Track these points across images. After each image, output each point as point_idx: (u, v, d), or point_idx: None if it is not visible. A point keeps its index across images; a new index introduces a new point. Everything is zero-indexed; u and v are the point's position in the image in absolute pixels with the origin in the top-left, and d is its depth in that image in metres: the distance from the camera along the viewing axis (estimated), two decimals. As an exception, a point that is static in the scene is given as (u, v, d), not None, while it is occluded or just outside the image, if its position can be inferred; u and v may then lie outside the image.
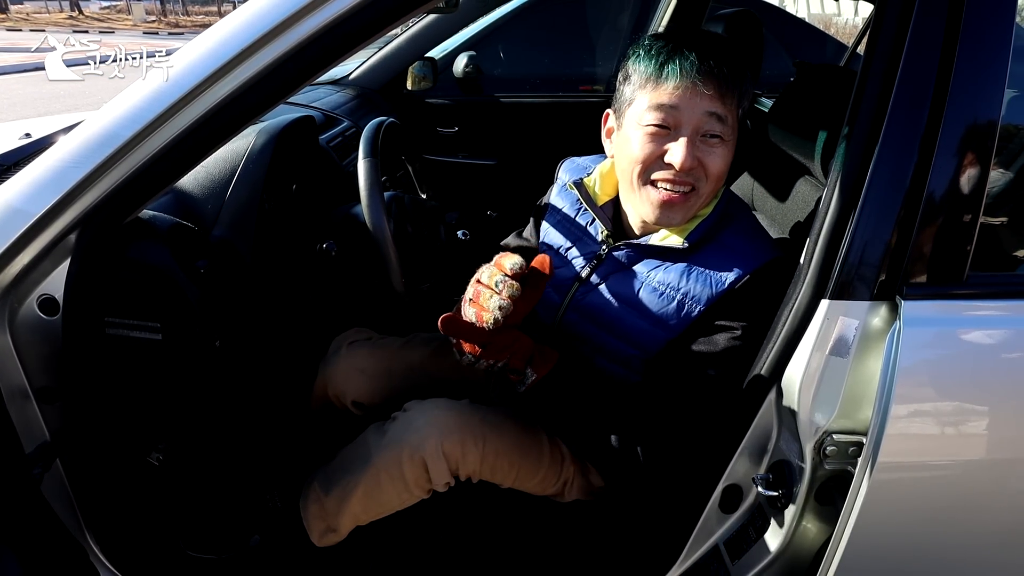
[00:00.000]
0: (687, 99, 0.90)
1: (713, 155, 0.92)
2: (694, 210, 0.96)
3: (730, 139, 0.93)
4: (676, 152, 0.91)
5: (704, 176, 0.93)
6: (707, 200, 0.97)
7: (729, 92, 0.90)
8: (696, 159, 0.92)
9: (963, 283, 0.82)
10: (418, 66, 2.43)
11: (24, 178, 0.85)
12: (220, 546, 1.18)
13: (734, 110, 0.92)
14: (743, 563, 0.97)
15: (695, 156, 0.91)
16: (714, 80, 0.89)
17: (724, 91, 0.90)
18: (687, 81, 0.89)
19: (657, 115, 0.92)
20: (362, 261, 1.28)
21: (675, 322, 0.96)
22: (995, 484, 0.88)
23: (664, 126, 0.92)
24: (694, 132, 0.91)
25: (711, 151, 0.92)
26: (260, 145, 1.23)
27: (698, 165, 0.92)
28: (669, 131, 0.92)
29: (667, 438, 0.94)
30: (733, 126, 0.92)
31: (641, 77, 0.93)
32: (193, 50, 0.83)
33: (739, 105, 0.93)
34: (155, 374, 1.01)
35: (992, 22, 0.77)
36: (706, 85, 0.89)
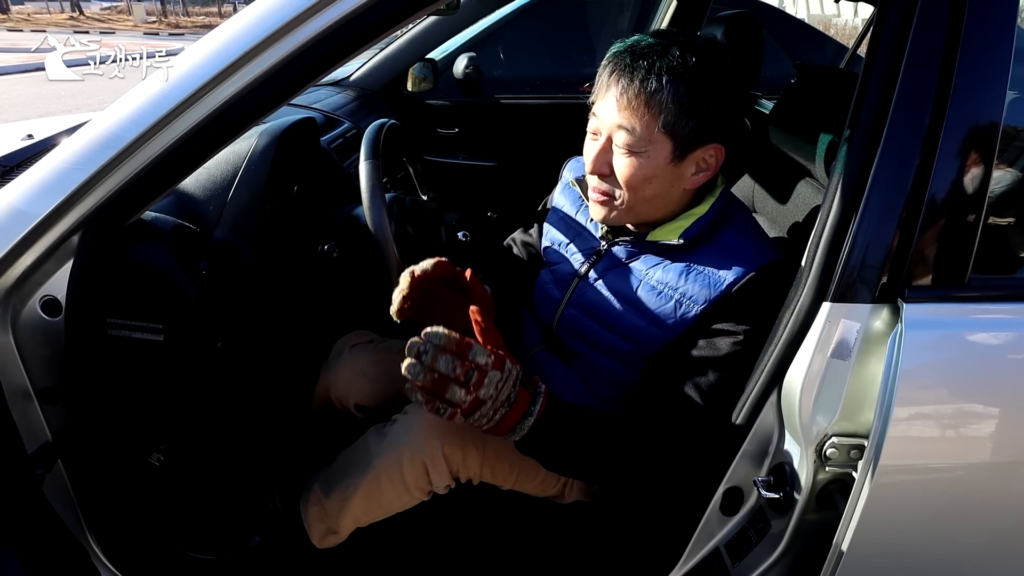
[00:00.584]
0: (604, 107, 0.94)
1: (621, 163, 0.93)
2: (622, 217, 0.99)
3: (644, 151, 0.92)
4: (588, 156, 0.97)
5: (617, 184, 0.95)
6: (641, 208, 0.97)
7: (638, 104, 0.90)
8: (607, 165, 0.95)
9: (965, 286, 0.82)
10: (418, 67, 2.43)
11: (27, 180, 0.86)
12: (221, 547, 1.18)
13: (648, 123, 0.90)
14: (744, 566, 0.97)
15: (605, 162, 0.95)
16: (625, 91, 0.90)
17: (636, 104, 0.90)
18: (605, 90, 0.93)
19: (591, 120, 0.97)
20: (363, 263, 1.28)
21: (672, 321, 0.96)
22: (997, 487, 0.88)
23: (594, 132, 0.97)
24: (607, 140, 0.94)
25: (620, 159, 0.94)
26: (262, 147, 1.23)
27: (610, 172, 0.95)
28: (597, 136, 0.96)
29: (666, 447, 0.94)
30: (647, 138, 0.91)
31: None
32: (197, 53, 0.83)
33: (655, 117, 0.90)
34: (157, 375, 1.01)
35: (994, 24, 0.77)
36: (619, 95, 0.91)
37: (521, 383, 0.88)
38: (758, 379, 0.90)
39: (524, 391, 0.88)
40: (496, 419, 0.86)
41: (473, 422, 0.85)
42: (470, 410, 0.83)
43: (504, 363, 0.84)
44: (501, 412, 0.85)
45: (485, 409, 0.83)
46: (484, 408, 0.83)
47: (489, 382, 0.82)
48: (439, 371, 0.80)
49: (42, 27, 17.98)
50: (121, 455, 1.06)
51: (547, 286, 1.14)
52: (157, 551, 1.14)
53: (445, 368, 0.80)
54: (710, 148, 0.94)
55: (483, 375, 0.82)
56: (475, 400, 0.82)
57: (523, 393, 0.88)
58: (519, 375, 0.87)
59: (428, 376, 0.80)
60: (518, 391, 0.87)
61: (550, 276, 1.14)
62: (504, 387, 0.84)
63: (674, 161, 0.93)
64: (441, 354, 0.80)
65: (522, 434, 0.88)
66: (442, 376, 0.81)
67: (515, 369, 0.86)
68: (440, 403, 0.82)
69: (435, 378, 0.81)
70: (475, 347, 0.82)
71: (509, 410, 0.86)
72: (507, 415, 0.86)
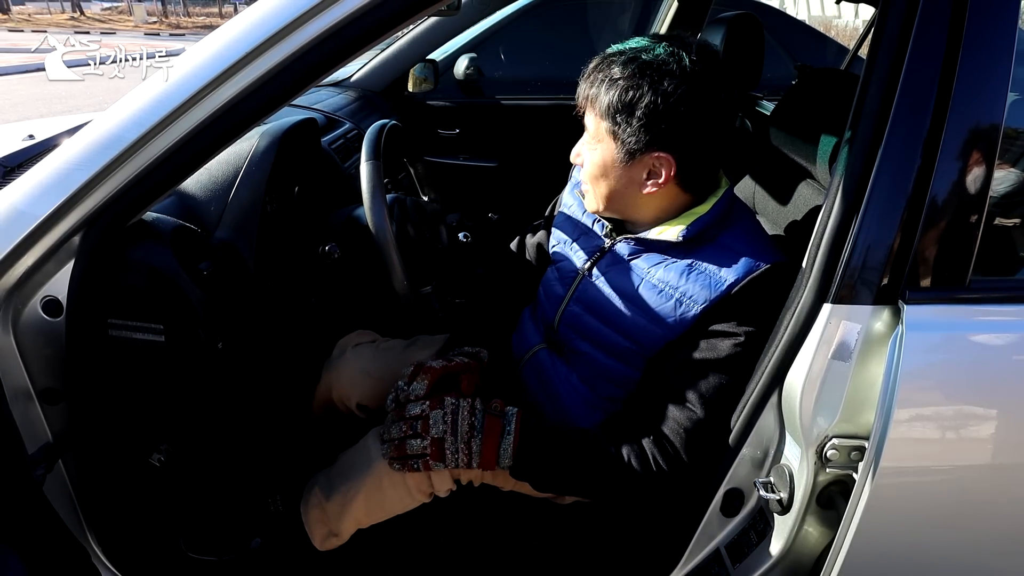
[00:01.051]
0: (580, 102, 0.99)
1: (584, 157, 1.01)
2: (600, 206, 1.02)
3: (595, 148, 0.97)
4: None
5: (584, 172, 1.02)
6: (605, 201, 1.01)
7: (590, 105, 0.96)
8: (578, 155, 1.02)
9: (966, 287, 0.82)
10: (419, 68, 2.43)
11: (29, 181, 0.86)
12: (221, 548, 1.18)
13: (598, 124, 0.96)
14: (744, 567, 0.97)
15: (577, 152, 1.02)
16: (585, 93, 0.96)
17: (587, 104, 0.96)
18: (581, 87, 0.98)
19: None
20: (364, 263, 1.28)
21: (672, 320, 0.96)
22: (997, 489, 0.89)
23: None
24: (585, 132, 1.00)
25: (584, 153, 1.00)
26: (263, 147, 1.23)
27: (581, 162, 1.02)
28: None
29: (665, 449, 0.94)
30: (595, 136, 0.97)
31: None
32: (198, 53, 0.83)
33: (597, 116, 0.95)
34: (158, 376, 1.01)
35: (995, 26, 0.77)
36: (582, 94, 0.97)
37: (490, 412, 0.96)
38: (759, 380, 0.90)
39: (492, 418, 0.96)
40: (475, 451, 0.94)
41: (453, 462, 0.94)
42: (438, 452, 0.94)
43: (444, 400, 0.96)
44: (476, 443, 0.94)
45: (450, 445, 0.93)
46: (449, 444, 0.93)
47: (434, 422, 0.94)
48: (393, 438, 0.96)
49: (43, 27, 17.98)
50: (122, 456, 1.06)
51: (551, 283, 1.15)
52: (157, 552, 1.14)
53: (396, 433, 0.96)
54: (660, 156, 0.93)
55: (426, 420, 0.95)
56: (433, 442, 0.94)
57: (491, 420, 0.96)
58: (474, 405, 0.96)
59: (390, 447, 0.97)
60: (483, 419, 0.95)
61: (555, 273, 1.15)
62: (458, 419, 0.95)
63: (622, 162, 0.96)
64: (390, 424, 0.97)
65: (508, 456, 0.94)
66: (399, 440, 0.95)
67: (462, 401, 0.96)
68: (409, 460, 0.95)
69: (396, 445, 0.96)
70: (409, 404, 0.97)
71: (483, 437, 0.94)
72: (484, 445, 0.94)
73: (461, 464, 0.94)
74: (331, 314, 1.52)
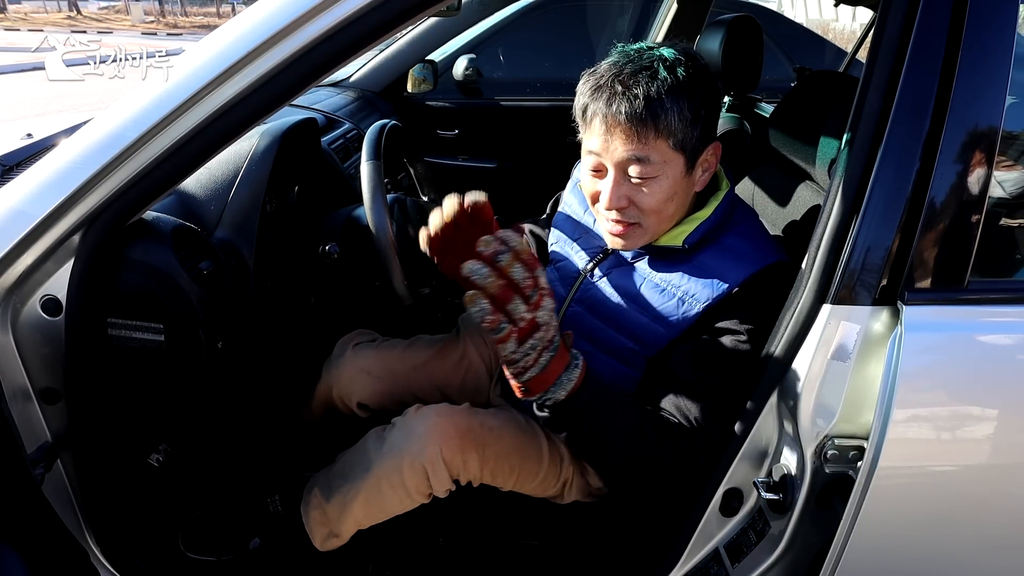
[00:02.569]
0: (605, 143, 0.92)
1: (642, 194, 0.93)
2: (647, 237, 0.99)
3: (660, 174, 0.91)
4: (603, 195, 0.95)
5: (640, 212, 0.95)
6: (663, 225, 0.98)
7: (645, 132, 0.88)
8: (624, 198, 0.93)
9: (964, 289, 0.82)
10: (418, 68, 2.43)
11: (28, 180, 0.86)
12: (220, 548, 1.18)
13: (659, 146, 0.90)
14: (743, 567, 0.97)
15: (623, 196, 0.93)
16: (626, 124, 0.88)
17: (639, 132, 0.89)
18: (602, 127, 0.91)
19: (589, 159, 0.95)
20: (364, 264, 1.28)
21: (675, 319, 0.97)
22: (996, 489, 0.89)
23: (596, 169, 0.95)
24: (619, 174, 0.93)
25: (639, 191, 0.93)
26: (263, 147, 1.23)
27: (629, 204, 0.94)
28: (602, 172, 0.95)
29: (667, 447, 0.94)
30: (662, 161, 0.91)
31: (577, 114, 0.96)
32: (199, 53, 0.83)
33: (666, 139, 0.90)
34: (157, 375, 1.01)
35: (994, 29, 0.78)
36: (618, 129, 0.90)
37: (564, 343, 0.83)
38: (758, 380, 0.90)
39: (565, 348, 0.83)
40: (542, 363, 0.79)
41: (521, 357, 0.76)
42: (525, 333, 0.75)
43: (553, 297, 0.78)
44: (547, 356, 0.79)
45: (536, 339, 0.76)
46: (536, 337, 0.76)
47: (546, 305, 0.75)
48: (510, 278, 0.72)
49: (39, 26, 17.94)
50: (121, 455, 1.06)
51: (552, 283, 1.14)
52: (156, 552, 1.13)
53: (519, 276, 0.72)
54: (711, 148, 0.97)
55: (542, 296, 0.75)
56: (532, 322, 0.75)
57: (563, 350, 0.83)
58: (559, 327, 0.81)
59: (496, 282, 0.71)
60: (559, 343, 0.81)
61: (555, 274, 1.15)
62: (552, 323, 0.77)
63: (687, 173, 0.94)
64: (516, 261, 0.72)
65: (565, 390, 0.82)
66: (510, 285, 0.72)
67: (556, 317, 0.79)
68: (502, 316, 0.72)
69: (503, 285, 0.72)
70: (539, 266, 0.75)
71: (554, 356, 0.80)
72: (552, 362, 0.80)
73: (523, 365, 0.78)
74: (331, 314, 1.52)
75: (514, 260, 0.71)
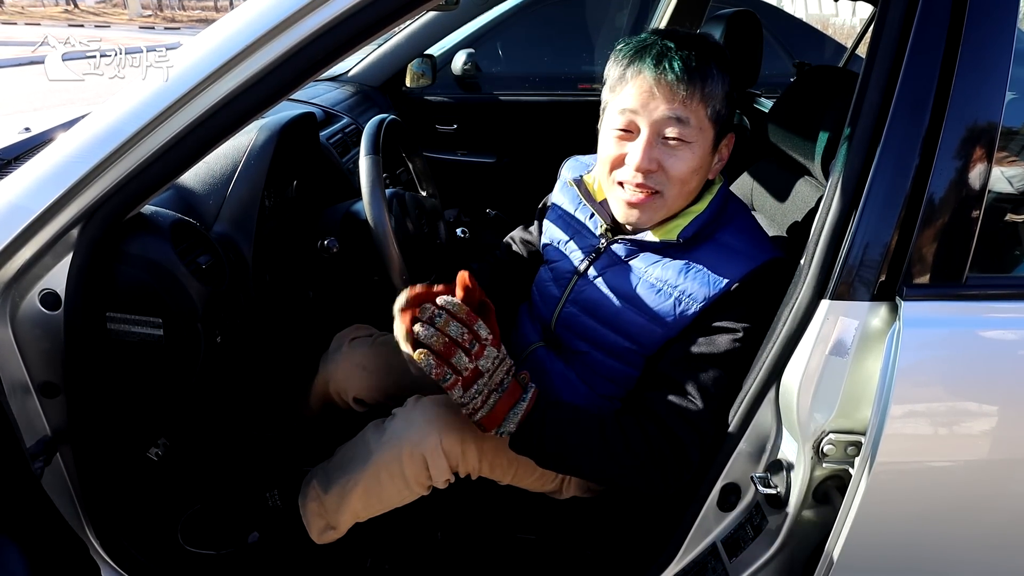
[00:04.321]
0: (644, 102, 0.92)
1: (674, 158, 0.93)
2: (663, 212, 0.98)
3: (696, 140, 0.92)
4: (633, 154, 0.94)
5: (666, 179, 0.94)
6: (679, 202, 0.98)
7: (691, 94, 0.90)
8: (655, 161, 0.93)
9: (963, 284, 0.82)
10: (417, 63, 2.43)
11: (26, 174, 0.85)
12: (219, 542, 1.18)
13: (699, 112, 0.91)
14: (740, 561, 0.98)
15: (653, 158, 0.93)
16: (674, 82, 0.89)
17: (685, 92, 0.89)
18: (645, 84, 0.91)
19: (620, 118, 0.95)
20: (363, 258, 1.28)
21: (672, 319, 0.97)
22: (993, 484, 0.89)
23: (627, 129, 0.94)
24: (653, 134, 0.93)
25: (672, 153, 0.93)
26: (262, 141, 1.23)
27: (658, 168, 0.94)
28: (632, 134, 0.94)
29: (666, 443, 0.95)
30: (699, 127, 0.92)
31: (610, 81, 0.97)
32: (197, 47, 0.83)
33: (706, 106, 0.91)
34: (156, 369, 1.01)
35: (994, 25, 0.78)
36: (664, 87, 0.90)
37: (516, 378, 0.92)
38: (756, 376, 0.91)
39: (515, 383, 0.91)
40: (490, 404, 0.88)
41: (468, 401, 0.87)
42: (470, 381, 0.86)
43: (500, 345, 0.89)
44: (494, 397, 0.88)
45: (481, 384, 0.86)
46: (480, 383, 0.86)
47: (488, 355, 0.86)
48: (449, 335, 0.83)
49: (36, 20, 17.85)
50: (120, 450, 1.06)
51: (546, 284, 1.14)
52: (156, 545, 1.14)
53: (455, 333, 0.84)
54: (729, 136, 0.98)
55: (483, 347, 0.86)
56: (475, 371, 0.86)
57: (515, 384, 0.91)
58: (512, 367, 0.91)
59: (439, 339, 0.83)
60: (511, 380, 0.91)
61: (549, 274, 1.14)
62: (499, 367, 0.88)
63: (712, 151, 0.95)
64: (452, 320, 0.84)
65: (514, 423, 0.90)
66: (451, 341, 0.84)
67: (508, 359, 0.90)
68: (447, 368, 0.84)
69: (445, 342, 0.83)
70: (479, 321, 0.86)
71: (501, 397, 0.89)
72: (499, 402, 0.89)
73: (472, 408, 0.87)
74: (330, 308, 1.52)
75: (449, 320, 0.83)
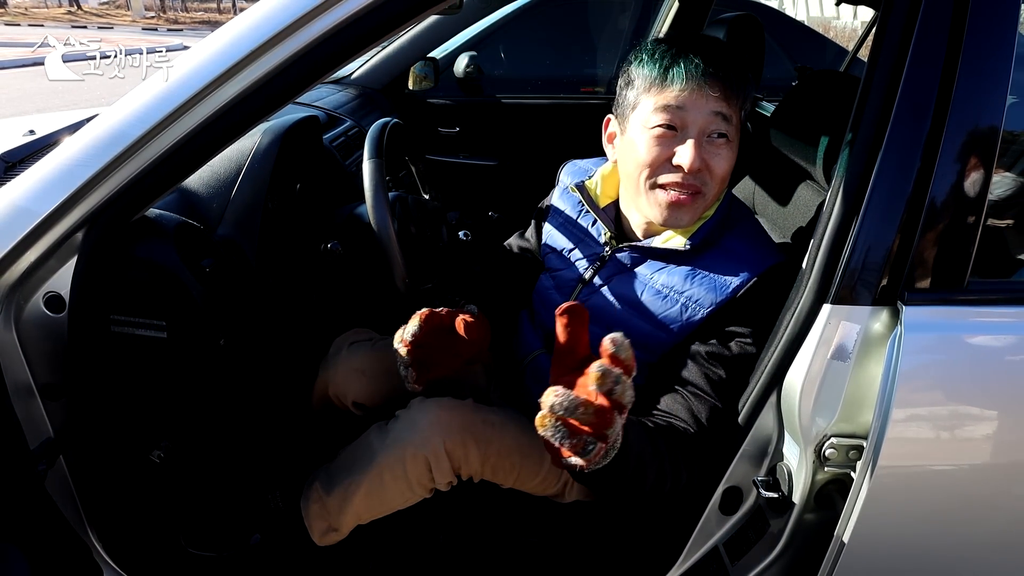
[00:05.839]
0: (693, 100, 0.91)
1: (719, 156, 0.94)
2: (700, 211, 0.98)
3: (734, 139, 0.95)
4: (684, 154, 0.92)
5: (709, 178, 0.94)
6: (712, 201, 0.98)
7: (733, 93, 0.93)
8: (703, 160, 0.93)
9: (964, 289, 0.82)
10: (420, 66, 2.43)
11: (31, 177, 0.86)
12: (221, 544, 1.18)
13: (738, 111, 0.94)
14: (742, 565, 0.98)
15: (701, 157, 0.92)
16: (719, 81, 0.91)
17: (728, 92, 0.92)
18: (692, 83, 0.91)
19: (664, 116, 0.93)
20: (367, 261, 1.28)
21: (678, 325, 0.96)
22: (995, 488, 0.89)
23: (671, 127, 0.93)
24: (700, 133, 0.92)
25: (717, 152, 0.94)
26: (265, 144, 1.23)
27: (704, 167, 0.93)
28: (676, 133, 0.93)
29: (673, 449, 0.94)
30: (737, 126, 0.95)
31: (645, 81, 0.95)
32: (203, 50, 0.83)
33: (742, 106, 0.95)
34: (159, 372, 1.02)
35: (995, 29, 0.78)
36: (712, 86, 0.91)
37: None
38: (758, 380, 0.91)
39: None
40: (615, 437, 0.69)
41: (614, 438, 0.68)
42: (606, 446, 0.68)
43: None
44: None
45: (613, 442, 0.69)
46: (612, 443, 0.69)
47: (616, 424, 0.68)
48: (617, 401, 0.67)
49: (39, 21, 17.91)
50: (122, 452, 1.06)
51: (549, 291, 1.13)
52: (158, 548, 1.14)
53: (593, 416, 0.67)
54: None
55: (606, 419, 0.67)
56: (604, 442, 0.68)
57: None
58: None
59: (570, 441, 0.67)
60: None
61: (551, 282, 1.14)
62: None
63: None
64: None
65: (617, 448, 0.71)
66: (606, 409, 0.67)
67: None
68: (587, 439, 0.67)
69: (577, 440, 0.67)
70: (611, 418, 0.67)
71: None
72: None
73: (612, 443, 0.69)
74: (333, 311, 1.52)
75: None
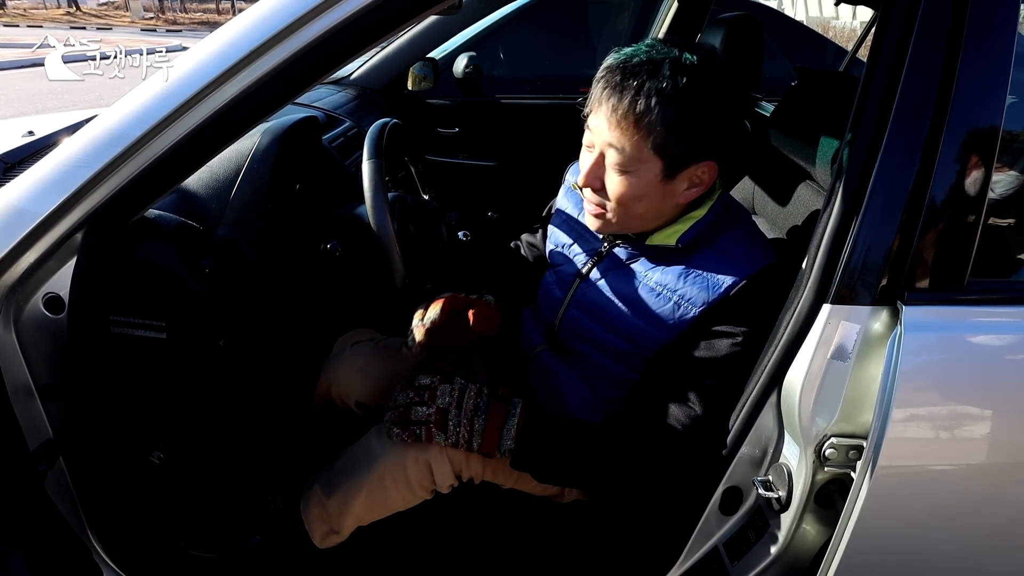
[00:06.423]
0: (596, 123, 0.94)
1: (613, 181, 0.94)
2: (614, 228, 1.00)
3: (633, 171, 0.92)
4: (582, 168, 0.97)
5: (608, 199, 0.96)
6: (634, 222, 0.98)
7: (627, 124, 0.89)
8: (599, 180, 0.95)
9: (964, 289, 0.82)
10: (419, 66, 2.43)
11: (30, 178, 0.86)
12: (221, 545, 1.18)
13: (638, 142, 0.89)
14: (742, 565, 0.98)
15: (598, 176, 0.95)
16: (620, 111, 0.89)
17: (622, 122, 0.89)
18: (598, 106, 0.93)
19: (586, 132, 0.97)
20: (366, 261, 1.28)
21: (671, 323, 0.97)
22: (994, 488, 0.89)
23: (589, 145, 0.97)
24: (600, 155, 0.95)
25: (611, 177, 0.94)
26: (265, 145, 1.23)
27: (601, 187, 0.96)
28: (592, 148, 0.96)
29: (664, 447, 0.95)
30: (637, 159, 0.91)
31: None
32: (202, 50, 0.83)
33: (648, 137, 0.89)
34: (159, 373, 1.02)
35: (994, 29, 0.78)
36: (607, 114, 0.91)
37: (496, 398, 0.97)
38: (758, 380, 0.91)
39: (498, 403, 0.97)
40: (479, 430, 0.94)
41: (455, 437, 0.95)
42: (440, 422, 0.95)
43: (453, 379, 0.98)
44: (479, 422, 0.94)
45: (454, 418, 0.95)
46: (452, 416, 0.95)
47: (441, 393, 0.96)
48: (399, 404, 0.97)
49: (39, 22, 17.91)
50: (122, 453, 1.06)
51: (550, 286, 1.15)
52: (158, 549, 1.14)
53: (402, 400, 0.98)
54: (702, 165, 0.94)
55: (433, 391, 0.97)
56: (438, 411, 0.95)
57: (497, 404, 0.96)
58: (481, 389, 0.97)
59: (394, 413, 0.98)
60: (488, 402, 0.96)
61: (553, 277, 1.16)
62: (464, 397, 0.96)
63: (664, 180, 0.93)
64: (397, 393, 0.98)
65: (511, 439, 0.94)
66: (403, 407, 0.97)
67: (471, 386, 0.98)
68: (412, 426, 0.96)
69: (400, 411, 0.97)
70: (419, 377, 0.99)
71: (487, 418, 0.94)
72: (488, 424, 0.94)
73: (462, 441, 0.95)
74: (332, 312, 1.52)
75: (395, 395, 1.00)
